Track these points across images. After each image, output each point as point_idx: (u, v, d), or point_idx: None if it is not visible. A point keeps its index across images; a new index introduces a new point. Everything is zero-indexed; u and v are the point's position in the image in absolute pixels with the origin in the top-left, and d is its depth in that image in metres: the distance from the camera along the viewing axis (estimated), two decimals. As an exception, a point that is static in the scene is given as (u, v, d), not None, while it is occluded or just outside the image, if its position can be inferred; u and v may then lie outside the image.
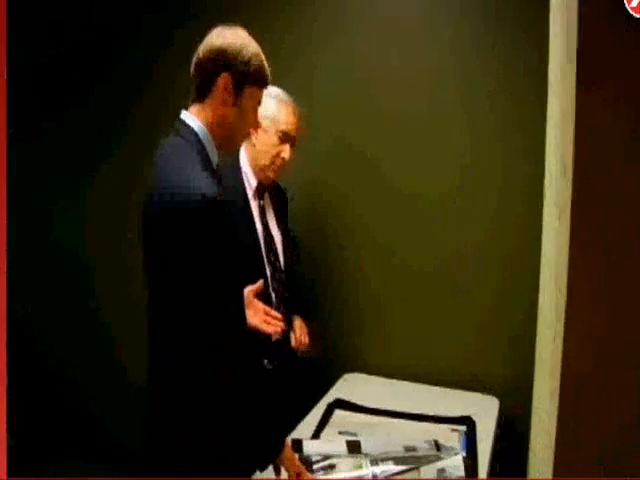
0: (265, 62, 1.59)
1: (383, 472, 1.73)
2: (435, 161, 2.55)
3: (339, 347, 2.71)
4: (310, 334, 2.35)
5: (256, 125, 1.69)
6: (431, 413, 2.18)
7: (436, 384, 2.49)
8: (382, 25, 2.57)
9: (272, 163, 2.19)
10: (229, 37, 1.55)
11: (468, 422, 2.12)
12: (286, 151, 2.19)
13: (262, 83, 1.59)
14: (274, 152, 2.18)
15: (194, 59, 1.56)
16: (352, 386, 2.49)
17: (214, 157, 1.58)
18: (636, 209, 0.94)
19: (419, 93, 2.55)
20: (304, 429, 2.06)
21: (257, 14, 2.64)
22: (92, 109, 3.10)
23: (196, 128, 1.54)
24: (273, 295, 2.21)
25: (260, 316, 1.82)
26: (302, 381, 2.36)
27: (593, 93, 0.91)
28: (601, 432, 1.03)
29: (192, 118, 1.55)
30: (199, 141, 1.54)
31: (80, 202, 3.18)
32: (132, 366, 2.04)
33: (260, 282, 1.84)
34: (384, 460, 1.78)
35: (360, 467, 1.75)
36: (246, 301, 1.77)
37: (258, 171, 2.21)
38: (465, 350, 2.54)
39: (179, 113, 1.58)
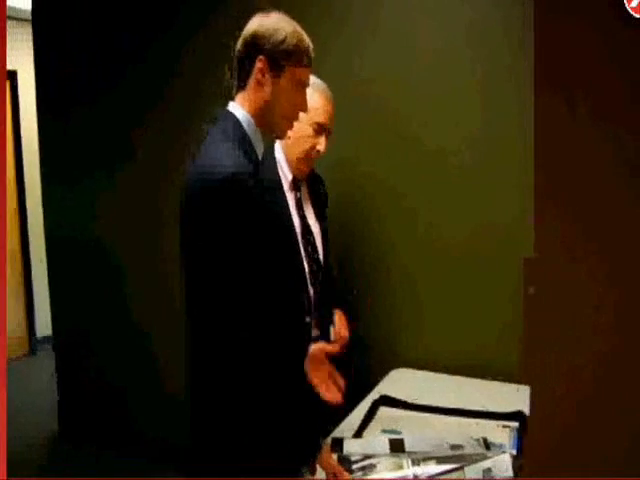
0: (305, 40, 1.55)
1: (425, 472, 1.65)
2: (463, 133, 2.48)
3: (380, 344, 2.66)
4: (349, 328, 2.27)
5: (304, 106, 1.61)
6: (481, 408, 2.08)
7: (483, 377, 2.38)
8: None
9: (307, 156, 2.09)
10: (263, 21, 1.54)
11: (520, 417, 2.01)
12: (322, 144, 2.09)
13: (303, 62, 1.55)
14: (309, 144, 2.07)
15: (235, 52, 1.57)
16: (399, 382, 2.41)
17: (259, 147, 1.56)
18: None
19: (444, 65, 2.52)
20: (347, 427, 1.99)
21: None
22: (124, 101, 3.13)
23: (239, 116, 1.53)
24: (312, 290, 2.14)
25: (323, 377, 1.70)
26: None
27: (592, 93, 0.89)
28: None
29: (236, 107, 1.55)
30: (241, 129, 1.52)
31: (115, 201, 3.22)
32: (169, 363, 2.03)
33: (336, 345, 1.83)
34: (427, 460, 1.70)
35: (401, 467, 1.68)
36: (315, 357, 1.72)
37: (293, 164, 2.12)
38: (509, 337, 2.40)
39: (217, 104, 1.59)
